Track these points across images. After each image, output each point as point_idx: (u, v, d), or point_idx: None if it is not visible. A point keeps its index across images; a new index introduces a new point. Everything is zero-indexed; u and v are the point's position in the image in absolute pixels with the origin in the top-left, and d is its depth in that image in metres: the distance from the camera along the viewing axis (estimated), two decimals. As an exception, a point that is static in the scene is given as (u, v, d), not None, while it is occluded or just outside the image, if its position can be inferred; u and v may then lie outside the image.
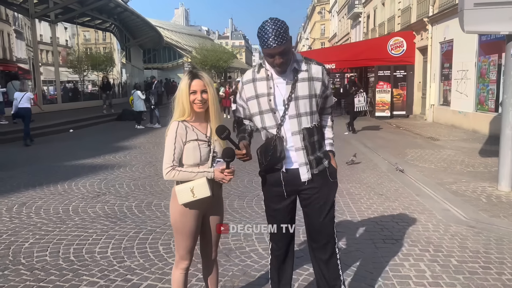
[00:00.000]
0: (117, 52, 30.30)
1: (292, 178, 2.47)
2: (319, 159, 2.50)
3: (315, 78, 2.44)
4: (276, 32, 2.23)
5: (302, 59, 2.46)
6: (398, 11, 20.91)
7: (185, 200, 2.38)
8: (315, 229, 2.57)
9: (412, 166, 7.91)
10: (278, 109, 2.43)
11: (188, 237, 2.49)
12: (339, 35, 43.70)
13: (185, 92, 2.38)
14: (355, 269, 3.61)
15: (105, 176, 7.34)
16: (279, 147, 2.41)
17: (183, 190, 2.37)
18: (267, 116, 2.45)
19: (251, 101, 2.50)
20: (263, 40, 2.27)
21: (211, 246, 2.65)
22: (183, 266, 2.56)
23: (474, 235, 4.44)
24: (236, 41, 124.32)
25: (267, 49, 2.28)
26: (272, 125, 2.44)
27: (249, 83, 2.51)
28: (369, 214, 5.16)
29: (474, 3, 5.73)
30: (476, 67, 12.68)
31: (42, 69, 20.58)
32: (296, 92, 2.40)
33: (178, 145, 2.37)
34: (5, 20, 18.52)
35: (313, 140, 2.47)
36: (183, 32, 69.22)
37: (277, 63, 2.33)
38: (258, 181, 6.73)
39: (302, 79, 2.42)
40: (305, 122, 2.43)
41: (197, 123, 2.46)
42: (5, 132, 12.55)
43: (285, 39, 2.26)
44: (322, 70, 2.47)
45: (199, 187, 2.35)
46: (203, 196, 2.37)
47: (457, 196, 5.84)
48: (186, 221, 2.46)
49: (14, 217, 5.15)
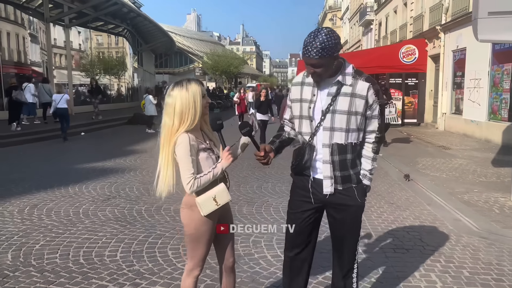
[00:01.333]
0: (129, 57, 30.61)
1: (318, 187, 2.45)
2: (348, 177, 2.42)
3: (358, 95, 2.34)
4: (317, 46, 2.19)
5: (351, 73, 2.37)
6: (410, 18, 20.83)
7: (209, 210, 2.39)
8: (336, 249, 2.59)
9: (423, 175, 7.83)
10: (315, 118, 2.41)
11: (205, 245, 2.49)
12: (350, 42, 43.65)
13: (199, 98, 2.39)
14: (365, 279, 3.57)
15: (115, 180, 7.39)
16: (307, 156, 2.41)
17: (206, 200, 2.38)
18: (304, 122, 2.45)
19: (295, 103, 2.51)
20: (305, 47, 2.25)
21: (228, 252, 2.65)
22: (196, 274, 2.54)
23: (487, 246, 4.37)
24: (247, 47, 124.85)
25: (304, 57, 2.28)
26: (307, 132, 2.44)
27: (297, 85, 2.51)
28: (379, 223, 5.11)
29: (488, 12, 5.68)
30: (489, 76, 12.56)
31: (56, 72, 20.86)
32: (335, 105, 2.34)
33: (193, 157, 2.37)
34: (21, 24, 18.83)
35: (344, 157, 2.39)
36: (194, 38, 69.70)
37: (309, 72, 2.34)
38: (267, 188, 6.76)
39: (345, 93, 2.35)
40: (338, 137, 2.37)
41: (196, 133, 2.45)
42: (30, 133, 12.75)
43: (318, 53, 2.19)
44: (369, 88, 2.34)
45: (221, 193, 2.39)
46: (225, 201, 2.42)
47: (469, 206, 5.76)
48: (206, 229, 2.47)
49: (26, 218, 5.20)
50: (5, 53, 17.48)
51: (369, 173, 2.49)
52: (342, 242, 2.55)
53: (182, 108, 2.36)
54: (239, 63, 51.60)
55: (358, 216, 2.53)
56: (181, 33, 63.60)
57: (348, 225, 2.50)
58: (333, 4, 62.64)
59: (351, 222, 2.50)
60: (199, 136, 2.46)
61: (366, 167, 2.49)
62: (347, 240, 2.53)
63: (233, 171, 7.90)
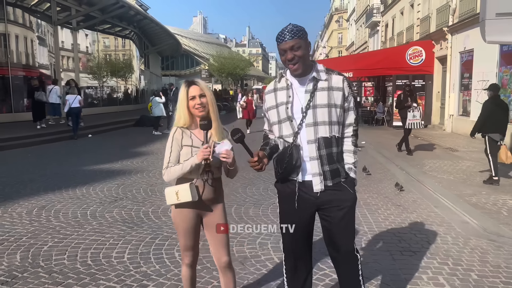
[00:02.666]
0: (136, 59, 30.79)
1: (307, 190, 2.43)
2: (336, 171, 2.43)
3: (335, 88, 2.41)
4: (290, 29, 2.33)
5: (324, 69, 2.46)
6: (417, 20, 20.75)
7: (171, 202, 2.60)
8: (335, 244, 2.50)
9: (430, 177, 7.79)
10: (295, 117, 2.42)
11: (182, 235, 2.69)
12: (356, 43, 43.55)
13: (184, 100, 2.58)
14: (372, 281, 3.56)
15: (122, 181, 7.42)
16: (295, 155, 2.39)
17: (169, 193, 2.59)
18: (284, 125, 2.46)
19: (271, 111, 2.52)
20: (278, 37, 2.36)
21: (221, 251, 2.69)
22: (186, 262, 2.76)
23: (495, 249, 4.33)
24: (253, 49, 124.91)
25: (280, 44, 2.35)
26: (289, 134, 2.44)
27: (271, 93, 2.53)
28: (386, 225, 5.09)
29: (496, 13, 5.65)
30: (497, 78, 12.47)
31: (63, 75, 21.01)
32: (314, 101, 2.39)
33: (175, 149, 2.59)
34: (29, 27, 19.00)
35: (330, 151, 2.41)
36: (201, 40, 69.90)
37: (288, 58, 2.34)
38: (273, 189, 6.70)
39: (322, 88, 2.41)
40: (322, 131, 2.40)
41: (197, 130, 2.62)
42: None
43: (298, 35, 2.31)
44: (343, 80, 2.44)
45: (182, 191, 2.53)
46: (186, 200, 2.53)
47: (477, 209, 5.73)
48: (180, 220, 2.66)
49: (34, 220, 5.24)
50: (14, 56, 17.65)
51: (353, 166, 2.51)
52: (338, 246, 2.47)
53: (177, 105, 2.64)
54: (245, 65, 51.57)
55: (353, 210, 2.48)
56: (187, 35, 63.81)
57: (343, 221, 2.43)
58: (339, 6, 62.60)
59: (346, 218, 2.43)
60: (198, 133, 2.61)
61: (349, 160, 2.50)
62: (344, 242, 2.45)
63: (239, 173, 7.81)
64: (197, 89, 2.58)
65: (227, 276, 2.73)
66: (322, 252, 3.92)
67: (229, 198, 6.12)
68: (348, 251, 2.47)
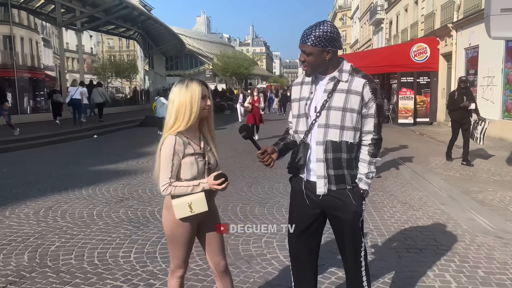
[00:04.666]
0: (140, 59, 30.87)
1: (311, 190, 2.42)
2: (341, 177, 2.35)
3: (354, 92, 2.30)
4: (308, 32, 2.28)
5: (349, 70, 2.35)
6: (421, 17, 20.66)
7: (182, 215, 2.38)
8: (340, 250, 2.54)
9: (436, 174, 7.76)
10: (310, 115, 2.39)
11: (182, 246, 2.48)
12: (361, 41, 43.42)
13: (197, 98, 2.37)
14: (378, 279, 3.55)
15: (128, 181, 7.46)
16: (301, 154, 2.38)
17: (180, 205, 2.36)
18: (301, 120, 2.43)
19: (295, 103, 2.50)
20: (303, 33, 2.32)
21: (218, 255, 2.58)
22: (178, 275, 2.54)
23: (502, 246, 4.31)
24: (257, 48, 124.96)
25: (299, 43, 2.34)
26: (303, 130, 2.42)
27: (298, 85, 2.51)
28: (392, 223, 5.08)
29: (501, 9, 5.62)
30: (503, 74, 12.39)
31: (68, 76, 21.11)
32: (330, 102, 2.32)
33: (176, 161, 2.35)
34: (34, 28, 19.10)
35: (338, 156, 2.33)
36: (204, 40, 70.02)
37: (300, 59, 2.36)
38: (278, 188, 6.76)
39: (341, 90, 2.32)
40: (332, 134, 2.32)
41: (191, 135, 2.44)
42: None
43: (311, 42, 2.25)
44: (364, 85, 2.30)
45: (197, 202, 2.35)
46: (201, 211, 2.37)
47: (483, 206, 5.70)
48: (182, 232, 2.45)
49: (41, 220, 5.28)
50: (19, 58, 17.76)
51: (365, 177, 2.37)
52: (343, 250, 2.49)
53: (179, 105, 2.36)
54: (249, 64, 51.61)
55: (356, 223, 2.39)
56: (191, 35, 63.96)
57: (345, 231, 2.41)
58: (343, 4, 62.46)
59: (348, 229, 2.40)
60: (194, 138, 2.44)
61: (362, 171, 2.38)
62: (348, 248, 2.45)
63: (244, 172, 7.93)
64: (207, 90, 2.46)
65: (225, 279, 2.63)
66: (328, 250, 3.93)
67: (234, 197, 6.13)
68: (351, 262, 2.49)
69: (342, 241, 2.47)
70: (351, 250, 2.45)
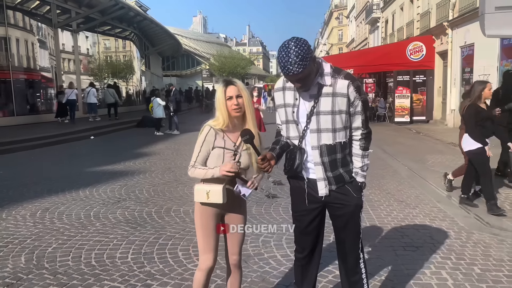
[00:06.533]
0: (136, 60, 30.78)
1: (314, 187, 2.48)
2: (339, 176, 2.44)
3: (339, 94, 2.33)
4: (293, 61, 2.15)
5: (330, 72, 2.35)
6: (417, 15, 20.71)
7: (199, 200, 2.57)
8: (340, 250, 2.61)
9: (433, 172, 7.79)
10: (300, 121, 2.42)
11: (204, 233, 2.62)
12: (357, 40, 43.47)
13: (222, 100, 2.49)
14: (375, 277, 3.57)
15: (125, 182, 7.45)
16: (298, 160, 2.42)
17: (200, 190, 2.55)
18: (291, 127, 2.47)
19: (280, 109, 2.53)
20: (280, 65, 2.23)
21: (233, 249, 2.71)
22: (203, 266, 2.63)
23: (498, 243, 4.34)
24: (253, 48, 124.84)
25: (286, 76, 2.28)
26: (295, 136, 2.46)
27: (279, 91, 2.52)
28: (389, 221, 5.09)
29: (495, 7, 5.65)
30: (498, 71, 12.44)
31: (64, 77, 21.04)
32: (318, 107, 2.35)
33: (204, 149, 2.54)
34: (29, 30, 19.03)
35: (334, 157, 2.40)
36: (201, 40, 69.93)
37: (296, 86, 2.36)
38: (275, 188, 6.75)
39: (326, 94, 2.34)
40: (325, 138, 2.37)
41: (231, 131, 2.55)
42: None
43: (301, 66, 2.16)
44: (348, 85, 2.32)
45: (214, 192, 2.50)
46: (215, 201, 2.51)
47: (479, 203, 5.72)
48: (204, 218, 2.61)
49: (38, 222, 5.27)
50: (15, 59, 17.68)
51: (360, 170, 2.47)
52: (343, 242, 2.56)
53: (217, 106, 2.54)
54: (245, 64, 51.65)
55: (356, 214, 2.49)
56: (187, 35, 63.85)
57: (347, 223, 2.50)
58: (339, 3, 62.48)
59: (350, 221, 2.49)
60: (232, 135, 2.55)
61: (356, 165, 2.48)
62: (348, 240, 2.54)
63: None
64: (234, 89, 2.49)
65: (235, 275, 2.75)
66: (325, 249, 3.94)
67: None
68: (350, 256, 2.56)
69: (342, 234, 2.54)
70: (351, 242, 2.53)
